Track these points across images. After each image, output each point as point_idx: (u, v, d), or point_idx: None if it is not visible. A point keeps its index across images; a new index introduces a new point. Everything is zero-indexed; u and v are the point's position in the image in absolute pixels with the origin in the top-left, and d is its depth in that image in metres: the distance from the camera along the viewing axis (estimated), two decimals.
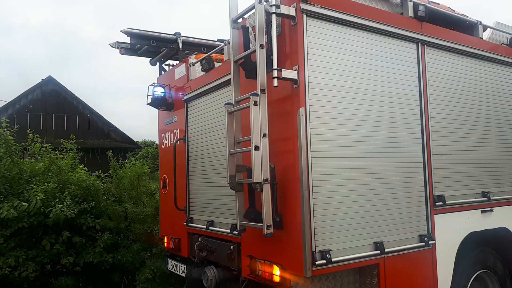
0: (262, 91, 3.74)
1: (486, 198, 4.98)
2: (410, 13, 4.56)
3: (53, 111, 22.40)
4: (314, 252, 3.59)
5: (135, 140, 26.52)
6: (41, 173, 7.86)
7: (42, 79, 22.88)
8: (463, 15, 5.49)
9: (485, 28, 5.53)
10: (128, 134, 24.75)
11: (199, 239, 5.45)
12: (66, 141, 8.50)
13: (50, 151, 7.95)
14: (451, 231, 4.67)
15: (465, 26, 5.34)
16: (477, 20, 5.39)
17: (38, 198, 6.70)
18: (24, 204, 6.70)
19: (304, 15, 3.74)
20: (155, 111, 6.70)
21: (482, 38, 5.41)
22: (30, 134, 8.11)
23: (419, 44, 4.55)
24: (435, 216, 4.51)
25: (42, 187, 6.99)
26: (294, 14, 3.71)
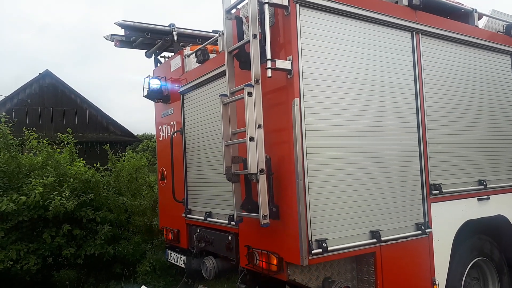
0: (256, 82, 3.74)
1: (482, 186, 4.99)
2: (405, 1, 4.53)
3: (51, 105, 22.39)
4: (310, 241, 3.62)
5: (136, 134, 26.53)
6: (39, 167, 7.87)
7: (40, 73, 22.81)
8: (458, 3, 5.44)
9: (480, 16, 5.50)
10: (133, 127, 24.86)
11: (198, 230, 5.49)
12: (63, 135, 8.49)
13: (47, 145, 7.95)
14: (448, 219, 4.69)
15: (460, 14, 5.31)
16: (472, 8, 5.35)
17: (36, 191, 6.73)
18: (23, 197, 6.72)
19: (297, 5, 3.73)
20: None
21: (477, 26, 5.38)
22: (26, 132, 8.12)
23: (414, 33, 4.53)
24: (432, 204, 4.53)
25: (41, 180, 7.01)
26: (287, 4, 3.69)
